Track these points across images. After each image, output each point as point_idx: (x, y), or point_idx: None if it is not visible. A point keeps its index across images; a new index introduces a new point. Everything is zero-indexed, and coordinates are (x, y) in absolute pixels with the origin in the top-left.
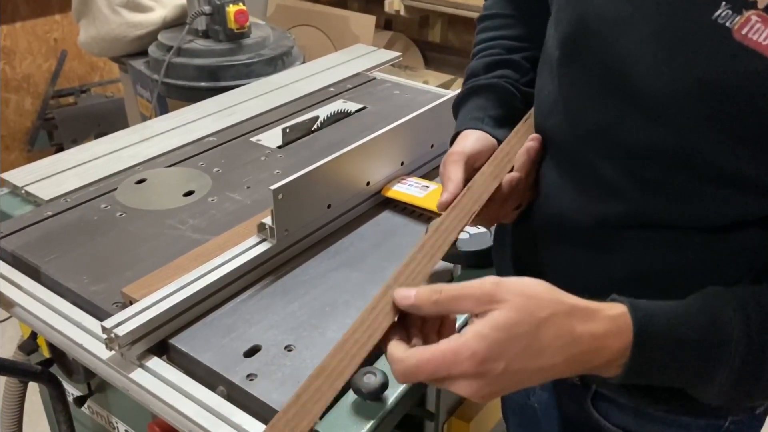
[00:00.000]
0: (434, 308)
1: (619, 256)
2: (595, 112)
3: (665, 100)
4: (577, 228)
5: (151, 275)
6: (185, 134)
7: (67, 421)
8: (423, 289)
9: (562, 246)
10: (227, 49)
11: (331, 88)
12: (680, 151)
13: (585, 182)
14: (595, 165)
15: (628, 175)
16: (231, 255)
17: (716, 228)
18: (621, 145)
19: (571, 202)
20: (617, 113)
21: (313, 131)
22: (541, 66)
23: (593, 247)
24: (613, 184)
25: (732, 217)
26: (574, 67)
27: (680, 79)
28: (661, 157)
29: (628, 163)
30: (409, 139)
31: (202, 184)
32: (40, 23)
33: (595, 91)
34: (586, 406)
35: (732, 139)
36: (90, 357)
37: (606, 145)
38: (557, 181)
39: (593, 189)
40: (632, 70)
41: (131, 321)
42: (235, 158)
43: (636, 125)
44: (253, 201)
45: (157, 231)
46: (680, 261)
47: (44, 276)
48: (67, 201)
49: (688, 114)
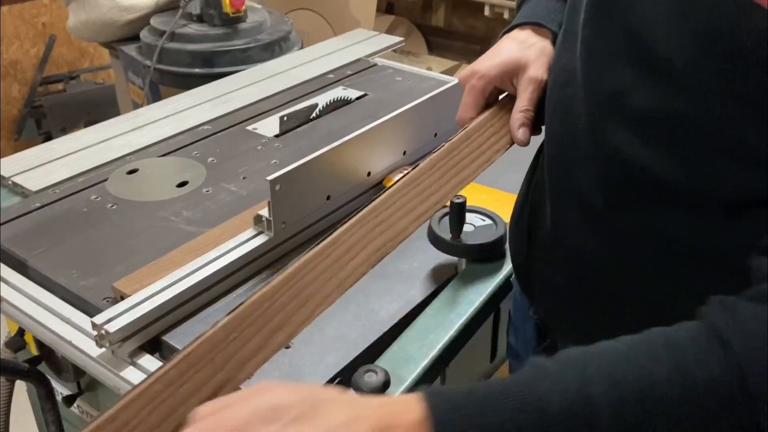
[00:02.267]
0: None
1: (629, 236)
2: (611, 78)
3: (679, 61)
4: (594, 207)
5: (143, 269)
6: (179, 122)
7: (56, 421)
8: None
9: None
10: (222, 34)
11: (331, 75)
12: (690, 115)
13: (600, 154)
14: (609, 134)
15: (641, 143)
16: (226, 248)
17: (719, 207)
18: (634, 111)
19: (587, 179)
20: (632, 77)
21: (312, 119)
22: (561, 37)
23: (607, 227)
24: (626, 154)
25: (733, 194)
26: (597, 29)
27: (693, 37)
28: (672, 122)
29: (640, 130)
30: (411, 128)
31: (197, 175)
32: (28, 7)
33: (613, 55)
34: None
35: (740, 103)
36: (80, 354)
37: (620, 111)
38: (573, 156)
39: (608, 160)
40: (649, 34)
41: (123, 317)
42: (231, 147)
43: (650, 90)
44: (249, 192)
45: (149, 223)
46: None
47: (32, 270)
48: (55, 192)
49: (700, 75)
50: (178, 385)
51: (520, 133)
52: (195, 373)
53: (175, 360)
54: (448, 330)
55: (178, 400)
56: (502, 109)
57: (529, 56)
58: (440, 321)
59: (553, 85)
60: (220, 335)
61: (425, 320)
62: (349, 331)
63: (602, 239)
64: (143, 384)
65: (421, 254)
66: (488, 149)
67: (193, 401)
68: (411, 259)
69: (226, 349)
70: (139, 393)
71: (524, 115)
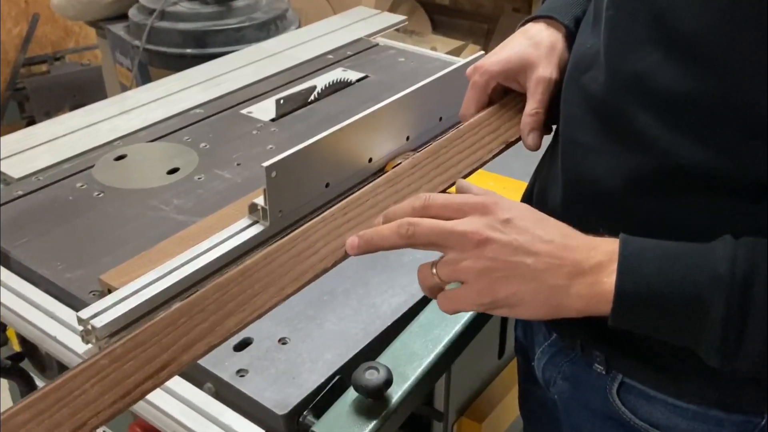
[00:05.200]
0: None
1: (650, 224)
2: (635, 59)
3: (707, 42)
4: (612, 194)
5: (131, 261)
6: (169, 106)
7: None
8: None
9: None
10: (215, 12)
11: (330, 56)
12: (719, 97)
13: (620, 138)
14: (631, 117)
15: (664, 126)
16: (220, 239)
17: (748, 190)
18: (659, 93)
19: (603, 165)
20: (658, 59)
21: (310, 103)
22: (585, 22)
23: (625, 215)
24: (648, 137)
25: (764, 177)
26: (621, 10)
27: (721, 16)
28: (700, 104)
29: (665, 112)
30: (415, 112)
31: (188, 161)
32: None
33: (638, 36)
34: (611, 398)
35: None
36: (65, 351)
37: (644, 93)
38: (592, 141)
39: (629, 143)
40: (676, 14)
41: (110, 311)
42: (224, 132)
43: (676, 71)
44: (243, 179)
45: (138, 212)
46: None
47: (14, 262)
48: (39, 179)
49: (730, 55)
50: (123, 362)
51: (530, 138)
52: (141, 352)
53: (124, 339)
54: (454, 325)
55: (121, 376)
56: (503, 108)
57: (538, 54)
58: (445, 316)
59: (574, 70)
60: (169, 319)
61: (429, 315)
62: (349, 327)
63: (619, 227)
64: (91, 359)
65: None
66: (481, 148)
67: (136, 377)
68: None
69: (173, 333)
70: (86, 366)
71: (534, 119)
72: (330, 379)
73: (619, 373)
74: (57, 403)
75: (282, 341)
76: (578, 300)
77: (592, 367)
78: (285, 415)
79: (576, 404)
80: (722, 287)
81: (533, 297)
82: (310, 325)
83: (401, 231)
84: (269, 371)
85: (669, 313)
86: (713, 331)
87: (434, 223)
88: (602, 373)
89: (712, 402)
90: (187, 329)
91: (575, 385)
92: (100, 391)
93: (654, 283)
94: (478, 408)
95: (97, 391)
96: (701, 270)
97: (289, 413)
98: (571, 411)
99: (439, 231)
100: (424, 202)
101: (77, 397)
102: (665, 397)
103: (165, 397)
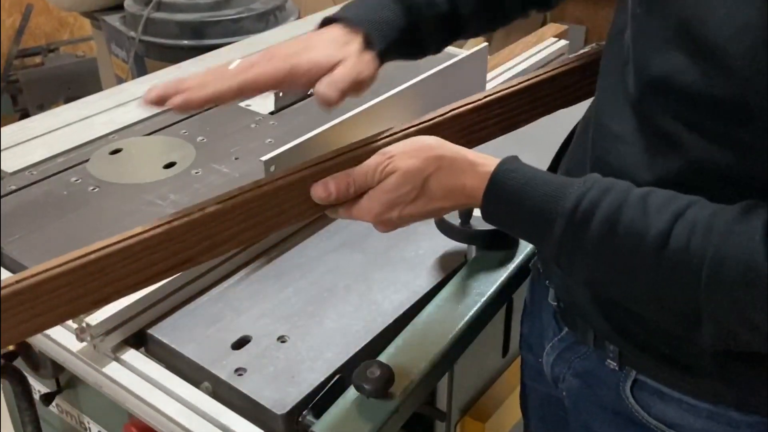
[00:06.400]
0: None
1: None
2: (661, 60)
3: (734, 50)
4: (638, 184)
5: None
6: None
7: (33, 421)
8: (338, 178)
9: None
10: (213, 3)
11: None
12: (742, 101)
13: (650, 134)
14: (658, 116)
15: (688, 127)
16: None
17: None
18: (683, 95)
19: (632, 156)
20: (683, 62)
21: (310, 95)
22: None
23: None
24: (675, 136)
25: None
26: (648, 10)
27: (746, 26)
28: (723, 107)
29: (690, 115)
30: (416, 105)
31: (185, 155)
32: None
33: (664, 38)
34: (624, 395)
35: None
36: (58, 349)
37: (668, 93)
38: (623, 131)
39: (656, 141)
40: (703, 20)
41: (105, 309)
42: (222, 126)
43: (700, 76)
44: (241, 174)
45: (133, 207)
46: None
47: (6, 258)
48: (32, 174)
49: (755, 64)
50: (153, 250)
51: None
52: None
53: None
54: (457, 323)
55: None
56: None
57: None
58: (448, 313)
59: (616, 60)
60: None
61: (432, 312)
62: (349, 324)
63: None
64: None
65: (427, 241)
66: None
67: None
68: (416, 246)
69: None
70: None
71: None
72: (330, 378)
73: (632, 369)
74: (90, 275)
75: (281, 339)
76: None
77: (605, 363)
78: (284, 415)
79: (586, 401)
80: (565, 217)
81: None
82: (309, 323)
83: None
84: (268, 370)
85: (522, 221)
86: (551, 247)
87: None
88: (615, 369)
89: (729, 402)
90: (213, 232)
91: (586, 382)
92: (126, 272)
93: (514, 201)
94: (482, 407)
95: (126, 271)
96: (556, 201)
97: (288, 413)
98: (580, 408)
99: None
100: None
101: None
102: (680, 396)
103: (161, 397)
